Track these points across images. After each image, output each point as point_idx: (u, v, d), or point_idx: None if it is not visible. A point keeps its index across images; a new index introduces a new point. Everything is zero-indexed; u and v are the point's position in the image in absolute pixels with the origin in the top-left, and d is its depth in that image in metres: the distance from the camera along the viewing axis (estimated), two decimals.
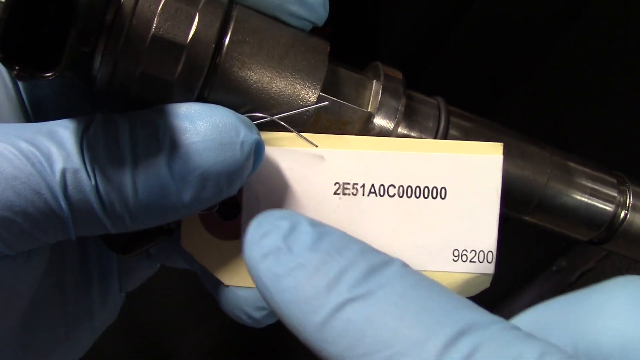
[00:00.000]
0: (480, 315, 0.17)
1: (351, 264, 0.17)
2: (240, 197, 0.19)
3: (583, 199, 0.22)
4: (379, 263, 0.17)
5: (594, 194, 0.23)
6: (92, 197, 0.17)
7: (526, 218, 0.23)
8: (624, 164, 0.42)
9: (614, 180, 0.23)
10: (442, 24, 0.73)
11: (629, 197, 0.23)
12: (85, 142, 0.17)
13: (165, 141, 0.17)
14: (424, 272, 0.18)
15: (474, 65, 0.68)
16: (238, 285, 0.20)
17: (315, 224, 0.18)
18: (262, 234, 0.18)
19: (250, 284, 0.19)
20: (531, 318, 0.19)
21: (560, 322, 0.17)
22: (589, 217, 0.23)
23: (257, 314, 0.21)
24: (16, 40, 0.13)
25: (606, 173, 0.24)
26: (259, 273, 0.18)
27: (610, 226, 0.23)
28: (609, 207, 0.23)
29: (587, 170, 0.23)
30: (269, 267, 0.17)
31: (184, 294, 0.68)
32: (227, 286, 0.20)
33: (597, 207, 0.23)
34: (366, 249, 0.18)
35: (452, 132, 0.21)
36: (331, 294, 0.17)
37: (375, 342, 0.16)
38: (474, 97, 0.69)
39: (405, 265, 0.18)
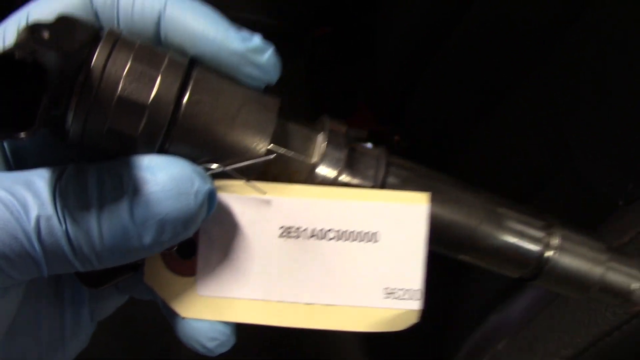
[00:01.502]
0: None
1: None
2: (196, 238, 0.21)
3: (512, 240, 0.24)
4: None
5: (522, 236, 0.25)
6: (63, 241, 0.18)
7: (461, 257, 0.25)
8: (625, 167, 0.43)
9: (543, 223, 0.25)
10: (440, 26, 0.73)
11: (555, 239, 0.25)
12: (58, 191, 0.18)
13: (128, 191, 0.18)
14: (356, 307, 0.20)
15: (472, 68, 0.68)
16: (193, 317, 0.21)
17: None
18: None
19: (204, 316, 0.21)
20: None
21: None
22: (517, 258, 0.25)
23: (210, 344, 0.22)
24: None
25: (535, 217, 0.25)
26: None
27: (537, 266, 0.25)
28: (535, 248, 0.25)
29: (516, 214, 0.25)
30: None
31: None
32: (184, 318, 0.22)
33: (525, 248, 0.25)
34: None
35: (390, 180, 0.23)
36: None
37: None
38: (472, 100, 0.69)
39: None
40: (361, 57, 0.99)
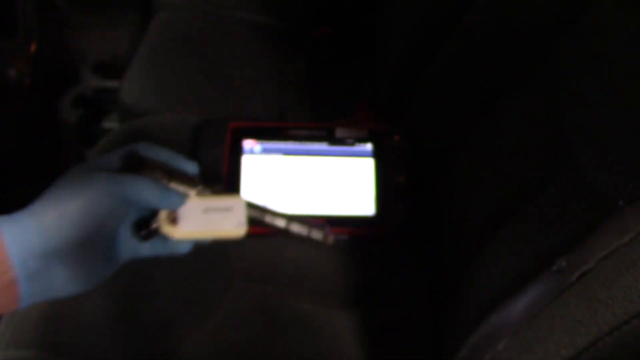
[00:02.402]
0: None
1: None
2: (177, 213, 0.47)
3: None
4: None
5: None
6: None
7: None
8: (625, 167, 0.43)
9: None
10: (440, 26, 0.73)
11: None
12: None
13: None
14: (225, 230, 0.47)
15: (472, 68, 0.68)
16: (176, 238, 0.47)
17: None
18: None
19: (179, 238, 0.47)
20: None
21: None
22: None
23: (181, 250, 0.48)
24: None
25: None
26: None
27: None
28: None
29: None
30: None
31: (183, 294, 0.68)
32: (172, 238, 0.47)
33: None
34: None
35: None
36: None
37: None
38: (472, 99, 0.70)
39: None
40: (361, 57, 0.99)
